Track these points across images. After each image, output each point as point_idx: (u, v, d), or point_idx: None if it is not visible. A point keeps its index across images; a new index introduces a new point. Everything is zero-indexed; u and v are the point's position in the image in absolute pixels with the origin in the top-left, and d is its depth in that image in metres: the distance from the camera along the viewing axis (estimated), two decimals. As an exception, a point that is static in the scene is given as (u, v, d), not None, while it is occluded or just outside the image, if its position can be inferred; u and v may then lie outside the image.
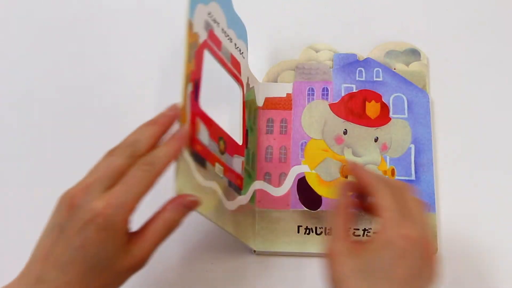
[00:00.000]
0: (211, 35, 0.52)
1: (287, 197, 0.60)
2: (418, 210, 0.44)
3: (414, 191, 0.46)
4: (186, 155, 0.43)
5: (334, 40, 0.67)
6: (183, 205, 0.41)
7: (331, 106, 0.63)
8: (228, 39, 0.55)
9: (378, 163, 0.61)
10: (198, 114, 0.47)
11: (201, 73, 0.49)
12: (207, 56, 0.51)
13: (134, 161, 0.40)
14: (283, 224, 0.59)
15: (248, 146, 0.59)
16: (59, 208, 0.40)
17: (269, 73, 0.66)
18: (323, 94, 0.64)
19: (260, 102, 0.63)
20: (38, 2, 0.71)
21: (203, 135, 0.48)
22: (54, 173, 0.61)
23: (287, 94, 0.64)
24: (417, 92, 0.64)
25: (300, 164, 0.61)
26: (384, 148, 0.62)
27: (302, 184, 0.60)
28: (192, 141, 0.45)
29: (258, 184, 0.60)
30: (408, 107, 0.63)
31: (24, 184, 0.62)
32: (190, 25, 0.47)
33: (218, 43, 0.53)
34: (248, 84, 0.61)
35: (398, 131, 0.62)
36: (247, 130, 0.59)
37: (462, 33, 0.69)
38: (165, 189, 0.41)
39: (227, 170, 0.52)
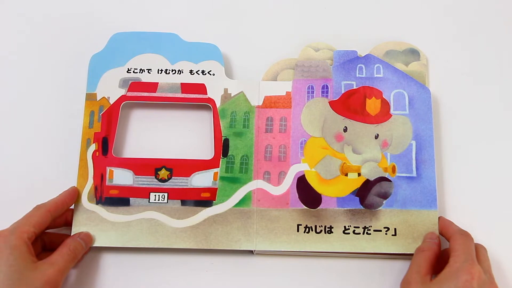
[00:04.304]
0: (135, 85, 0.62)
1: (286, 196, 0.60)
2: (487, 259, 0.53)
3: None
4: (86, 206, 0.58)
5: (333, 39, 0.67)
6: (80, 237, 0.56)
7: (331, 103, 0.63)
8: (175, 72, 0.63)
9: (378, 160, 0.61)
10: (109, 165, 0.59)
11: (112, 129, 0.61)
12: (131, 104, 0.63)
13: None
14: (282, 223, 0.59)
15: (232, 153, 0.60)
16: None
17: (268, 72, 0.65)
18: (323, 92, 0.63)
19: (259, 101, 0.63)
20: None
21: (124, 178, 0.59)
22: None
23: (286, 92, 0.63)
24: (418, 88, 0.63)
25: (299, 162, 0.61)
26: (385, 145, 0.61)
27: (301, 183, 0.60)
28: (103, 190, 0.58)
29: (256, 184, 0.60)
30: (409, 103, 0.62)
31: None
32: (91, 96, 0.61)
33: (151, 86, 0.62)
34: (226, 95, 0.62)
35: (399, 128, 0.61)
36: (226, 139, 0.61)
37: (462, 33, 0.69)
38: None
39: (177, 192, 0.59)
